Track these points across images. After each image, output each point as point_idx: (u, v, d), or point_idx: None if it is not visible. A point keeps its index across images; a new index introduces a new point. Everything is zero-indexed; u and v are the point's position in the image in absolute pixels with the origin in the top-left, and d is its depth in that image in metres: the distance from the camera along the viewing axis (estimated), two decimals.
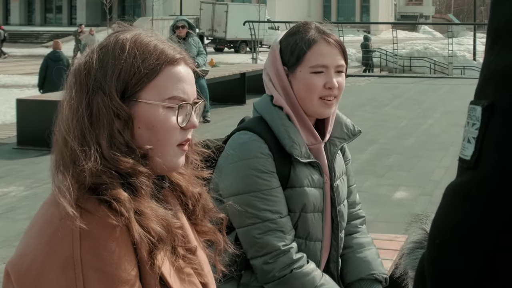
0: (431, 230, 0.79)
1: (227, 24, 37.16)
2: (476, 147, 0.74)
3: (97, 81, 1.22)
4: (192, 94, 1.29)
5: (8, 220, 5.84)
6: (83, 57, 1.27)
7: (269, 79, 2.05)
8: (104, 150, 1.17)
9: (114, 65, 1.22)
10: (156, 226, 1.18)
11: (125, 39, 1.26)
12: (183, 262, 1.26)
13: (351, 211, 2.23)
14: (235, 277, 1.99)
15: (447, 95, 14.61)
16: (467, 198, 0.74)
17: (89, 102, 1.20)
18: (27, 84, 18.98)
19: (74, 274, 1.10)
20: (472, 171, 0.74)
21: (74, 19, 52.06)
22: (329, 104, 1.98)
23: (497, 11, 0.78)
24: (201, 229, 1.39)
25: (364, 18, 58.26)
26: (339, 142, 2.11)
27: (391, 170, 7.58)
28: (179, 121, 1.25)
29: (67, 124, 1.21)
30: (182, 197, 1.36)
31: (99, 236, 1.12)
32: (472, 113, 0.76)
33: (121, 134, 1.20)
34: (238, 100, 12.40)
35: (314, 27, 2.03)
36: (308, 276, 1.94)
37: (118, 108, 1.20)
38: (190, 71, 1.31)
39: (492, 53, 0.76)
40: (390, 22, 53.73)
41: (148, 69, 1.23)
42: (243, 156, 1.94)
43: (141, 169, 1.19)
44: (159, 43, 1.28)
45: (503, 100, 0.73)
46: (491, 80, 0.75)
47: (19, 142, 8.81)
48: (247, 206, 1.92)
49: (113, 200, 1.14)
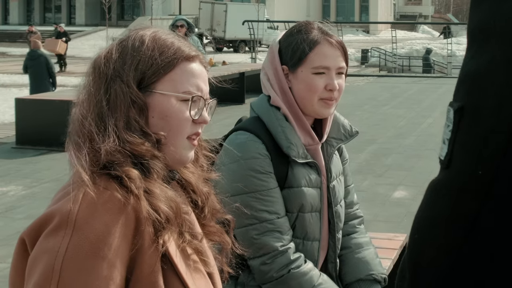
0: (412, 225, 0.82)
1: (226, 23, 37.15)
2: (449, 148, 0.78)
3: (116, 70, 1.27)
4: (205, 91, 1.34)
5: (6, 220, 5.83)
6: (103, 50, 1.33)
7: (267, 79, 2.04)
8: (121, 132, 1.22)
9: (133, 56, 1.28)
10: (164, 206, 1.21)
11: (145, 34, 1.32)
12: (190, 249, 1.28)
13: (349, 211, 2.22)
14: (232, 277, 1.99)
15: (446, 94, 14.62)
16: (439, 196, 0.78)
17: (108, 88, 1.26)
18: (26, 84, 18.90)
19: (64, 234, 1.13)
20: (445, 171, 0.78)
21: (73, 19, 52.06)
22: (329, 104, 1.98)
23: (473, 13, 0.79)
24: (209, 229, 1.41)
25: (363, 18, 58.26)
26: (336, 143, 2.11)
27: (390, 170, 7.59)
28: (191, 113, 1.30)
29: (85, 107, 1.26)
30: (192, 194, 1.38)
31: (100, 208, 1.15)
32: (448, 114, 0.79)
33: (136, 121, 1.24)
34: (237, 99, 12.39)
35: (316, 27, 2.02)
36: (306, 275, 1.94)
37: (135, 96, 1.25)
38: (204, 70, 1.36)
39: (468, 56, 0.78)
40: (389, 21, 53.74)
41: (165, 62, 1.29)
42: (240, 156, 1.94)
43: (155, 152, 1.24)
44: (176, 40, 1.34)
45: (471, 103, 0.76)
46: (464, 82, 0.78)
47: (18, 142, 8.81)
48: (245, 207, 1.92)
49: (125, 176, 1.18)
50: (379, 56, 28.45)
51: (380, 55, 28.43)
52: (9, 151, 8.64)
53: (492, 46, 0.74)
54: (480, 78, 0.75)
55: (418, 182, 6.89)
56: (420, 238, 0.80)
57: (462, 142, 0.76)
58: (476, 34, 0.78)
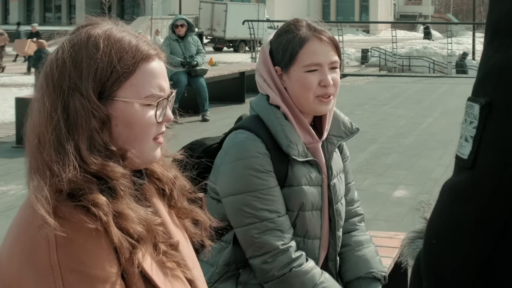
0: (427, 229, 0.77)
1: (226, 23, 37.14)
2: (474, 146, 0.72)
3: (73, 81, 1.18)
4: (167, 89, 1.28)
5: (7, 219, 5.83)
6: (53, 56, 1.22)
7: (263, 80, 2.03)
8: (84, 156, 1.15)
9: (89, 65, 1.19)
10: (136, 226, 1.16)
11: (98, 35, 1.22)
12: (165, 258, 1.25)
13: (349, 208, 2.22)
14: (233, 276, 1.99)
15: (446, 94, 14.61)
16: (464, 198, 0.72)
17: (66, 105, 1.17)
18: (26, 83, 18.95)
19: (53, 278, 1.09)
20: (469, 171, 0.73)
21: (73, 19, 51.93)
22: (326, 101, 1.97)
23: (496, 5, 0.75)
24: (182, 211, 1.39)
25: (363, 18, 58.24)
26: (336, 140, 2.10)
27: (390, 169, 7.58)
28: (157, 116, 1.25)
29: (42, 131, 1.17)
30: (158, 183, 1.35)
31: (76, 240, 1.11)
32: (469, 110, 0.74)
33: (100, 136, 1.17)
34: (237, 99, 12.39)
35: (305, 24, 2.00)
36: (308, 274, 1.94)
37: (97, 109, 1.17)
38: (163, 65, 1.29)
39: (491, 49, 0.74)
40: (389, 21, 53.70)
41: (125, 69, 1.21)
42: (240, 155, 1.93)
43: (120, 171, 1.18)
44: (132, 38, 1.25)
45: (501, 98, 0.71)
46: (489, 77, 0.73)
47: (18, 141, 8.78)
48: (245, 206, 1.92)
49: (91, 205, 1.12)
50: (379, 56, 28.45)
51: (380, 55, 28.43)
52: (10, 150, 8.63)
53: None
54: (510, 72, 0.70)
55: (418, 181, 6.89)
56: (440, 244, 0.74)
57: (490, 140, 0.71)
58: (499, 28, 0.73)
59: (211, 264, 1.98)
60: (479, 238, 0.71)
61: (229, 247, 1.99)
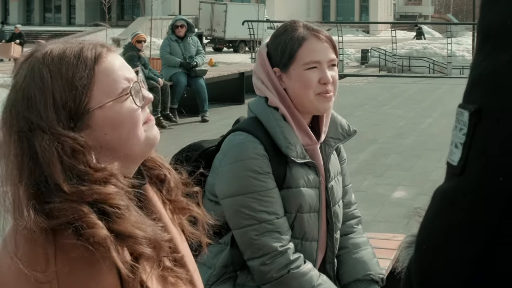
0: (418, 235, 0.77)
1: (226, 23, 37.14)
2: (463, 153, 0.72)
3: (30, 122, 1.12)
4: (133, 74, 1.24)
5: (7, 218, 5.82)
6: (6, 101, 1.16)
7: (261, 82, 2.04)
8: (65, 189, 1.09)
9: (44, 98, 1.12)
10: (145, 248, 1.13)
11: (39, 64, 1.15)
12: (168, 273, 1.23)
13: (347, 211, 2.22)
14: (231, 278, 1.99)
15: (446, 94, 14.61)
16: (453, 205, 0.72)
17: (29, 149, 1.11)
18: None
19: None
20: (459, 177, 0.73)
21: (73, 19, 52.06)
22: (327, 98, 1.98)
23: (487, 11, 0.75)
24: (179, 205, 1.36)
25: (363, 18, 58.25)
26: (334, 143, 2.11)
27: (389, 170, 7.58)
28: (137, 103, 1.21)
29: (13, 178, 1.13)
30: (158, 170, 1.33)
31: (79, 271, 1.09)
32: (459, 117, 0.74)
33: (76, 163, 1.11)
34: (236, 99, 12.39)
35: (302, 25, 2.03)
36: (306, 276, 1.94)
37: (68, 140, 1.11)
38: (118, 56, 1.24)
39: (481, 55, 0.73)
40: (389, 21, 53.74)
41: (83, 79, 1.15)
42: (238, 157, 1.94)
43: (111, 190, 1.12)
44: (74, 47, 1.19)
45: (490, 105, 0.71)
46: (479, 83, 0.73)
47: None
48: (244, 208, 1.92)
49: (90, 245, 1.07)
50: (379, 56, 28.44)
51: (380, 55, 28.42)
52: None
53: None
54: (500, 78, 0.70)
55: (418, 182, 6.89)
56: (431, 249, 0.74)
57: (479, 147, 0.71)
58: (489, 34, 0.73)
59: (209, 266, 1.98)
60: (468, 244, 0.71)
61: (227, 249, 1.99)
